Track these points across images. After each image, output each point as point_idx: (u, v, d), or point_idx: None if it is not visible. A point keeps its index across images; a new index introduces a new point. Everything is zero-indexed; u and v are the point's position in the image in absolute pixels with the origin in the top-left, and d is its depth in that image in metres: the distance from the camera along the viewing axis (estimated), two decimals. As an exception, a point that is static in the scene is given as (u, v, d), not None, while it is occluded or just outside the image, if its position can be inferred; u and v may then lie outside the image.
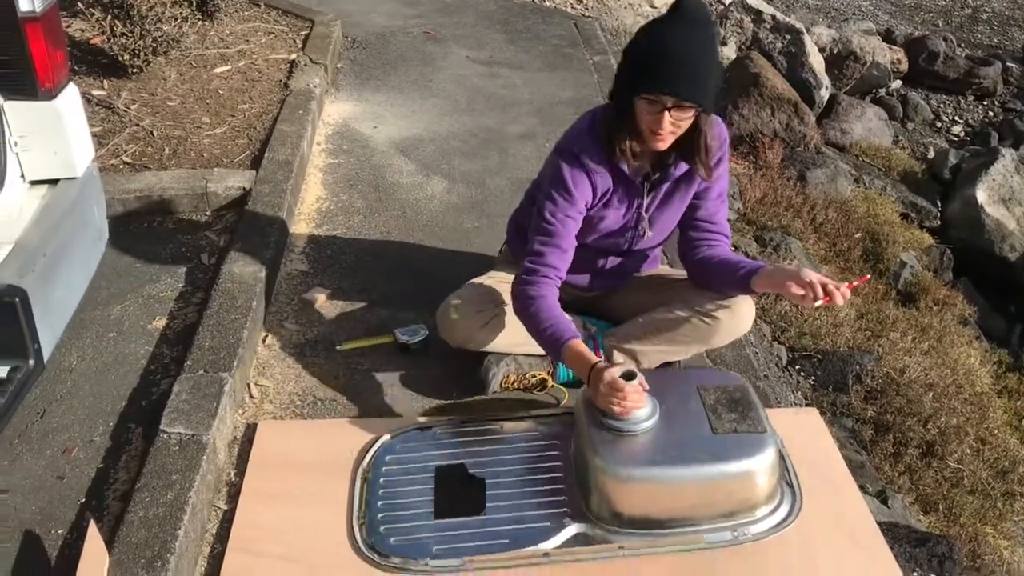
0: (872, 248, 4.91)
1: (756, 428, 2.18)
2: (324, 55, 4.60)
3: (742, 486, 2.15)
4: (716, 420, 2.19)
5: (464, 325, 2.53)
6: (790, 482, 2.30)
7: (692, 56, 2.10)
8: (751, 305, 2.49)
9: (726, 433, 2.16)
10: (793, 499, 2.25)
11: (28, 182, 2.27)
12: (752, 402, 2.26)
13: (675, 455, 2.11)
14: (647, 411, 2.16)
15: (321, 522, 2.16)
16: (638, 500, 2.13)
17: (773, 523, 2.18)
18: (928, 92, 7.49)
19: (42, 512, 2.10)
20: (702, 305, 2.47)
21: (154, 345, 2.66)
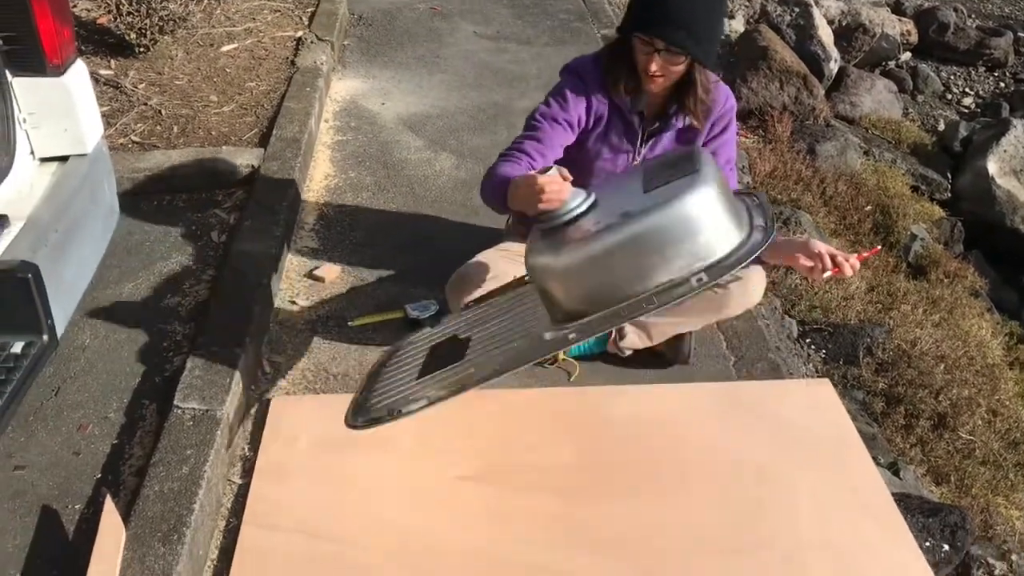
0: (882, 221, 4.89)
1: (689, 170, 1.90)
2: (330, 32, 4.59)
3: (685, 231, 1.83)
4: (649, 180, 1.97)
5: (475, 296, 2.52)
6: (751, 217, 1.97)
7: (695, 6, 2.14)
8: (762, 276, 2.48)
9: (658, 187, 1.91)
10: (764, 232, 1.90)
11: (38, 159, 2.27)
12: (693, 154, 2.01)
13: (605, 226, 1.86)
14: (577, 197, 1.96)
15: (335, 496, 2.17)
16: (588, 281, 1.87)
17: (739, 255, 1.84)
18: (938, 64, 7.43)
19: (59, 487, 2.12)
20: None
21: (166, 322, 2.67)
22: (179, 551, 1.89)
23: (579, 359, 2.63)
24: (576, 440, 2.36)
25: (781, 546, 2.07)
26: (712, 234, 1.85)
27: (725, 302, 2.46)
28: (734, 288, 2.43)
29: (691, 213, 1.84)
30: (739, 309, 2.52)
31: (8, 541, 1.97)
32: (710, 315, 2.55)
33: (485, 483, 2.22)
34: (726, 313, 2.53)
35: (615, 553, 2.04)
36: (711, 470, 2.27)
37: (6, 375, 1.94)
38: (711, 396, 2.52)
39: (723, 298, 2.46)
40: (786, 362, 2.71)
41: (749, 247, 1.87)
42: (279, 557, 2.02)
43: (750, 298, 2.49)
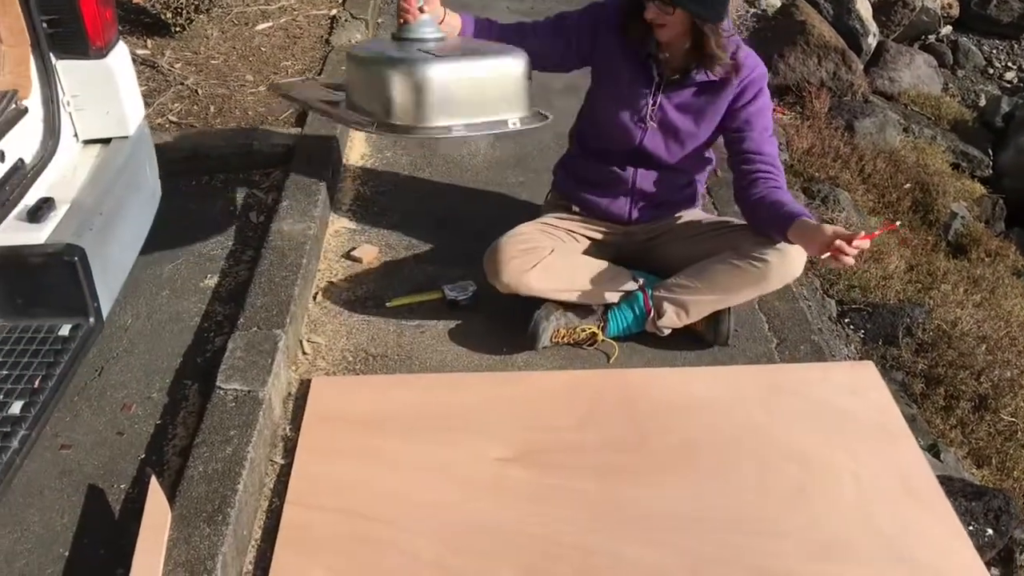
0: (922, 199, 4.82)
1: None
2: (365, 10, 4.57)
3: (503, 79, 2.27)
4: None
5: (511, 266, 2.52)
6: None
7: None
8: (801, 249, 2.44)
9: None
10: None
11: (81, 142, 2.29)
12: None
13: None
14: (427, 26, 2.33)
15: (377, 476, 2.18)
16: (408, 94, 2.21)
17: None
18: (980, 37, 7.28)
19: (104, 467, 2.14)
20: (751, 249, 2.45)
21: (207, 303, 2.69)
22: (224, 531, 1.91)
23: (617, 340, 2.62)
24: (616, 422, 2.35)
25: (824, 530, 2.05)
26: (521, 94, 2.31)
27: (765, 275, 2.44)
28: (774, 261, 2.40)
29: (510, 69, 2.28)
30: (779, 283, 2.50)
31: (56, 520, 2.00)
32: (749, 290, 2.52)
33: (526, 465, 2.22)
34: (765, 287, 2.50)
35: (657, 535, 2.03)
36: (753, 453, 2.26)
37: (54, 357, 1.97)
38: (753, 378, 2.51)
39: (763, 271, 2.43)
40: (828, 344, 2.68)
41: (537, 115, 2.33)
42: (322, 536, 2.03)
43: (790, 271, 2.46)
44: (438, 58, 2.22)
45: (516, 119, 2.30)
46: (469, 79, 2.25)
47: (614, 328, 2.60)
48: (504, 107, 2.31)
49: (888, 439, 2.31)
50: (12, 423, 1.82)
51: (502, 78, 2.29)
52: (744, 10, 6.14)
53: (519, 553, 1.99)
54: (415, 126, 2.25)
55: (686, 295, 2.53)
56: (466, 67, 2.25)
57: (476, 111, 2.29)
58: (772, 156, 2.49)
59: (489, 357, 2.59)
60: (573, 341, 2.60)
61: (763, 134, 2.48)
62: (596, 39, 2.56)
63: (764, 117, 2.48)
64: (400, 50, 2.29)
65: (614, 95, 2.60)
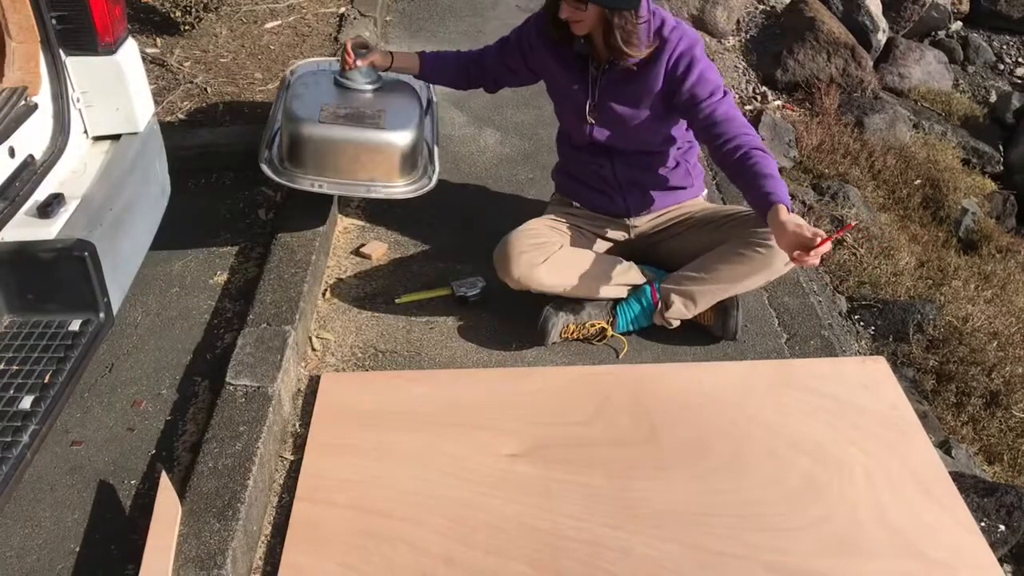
0: (932, 195, 4.80)
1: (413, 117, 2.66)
2: (373, 8, 4.57)
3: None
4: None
5: (521, 260, 2.52)
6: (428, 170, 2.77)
7: None
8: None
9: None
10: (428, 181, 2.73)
11: (91, 138, 2.29)
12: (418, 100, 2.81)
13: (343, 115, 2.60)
14: (360, 76, 2.73)
15: (386, 472, 2.18)
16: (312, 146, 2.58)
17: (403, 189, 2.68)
18: (991, 33, 7.23)
19: (115, 463, 2.15)
20: (754, 236, 2.44)
21: (216, 299, 2.69)
22: (234, 527, 1.91)
23: (626, 335, 2.61)
24: (626, 417, 2.35)
25: (836, 525, 2.05)
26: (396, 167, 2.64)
27: (769, 260, 2.43)
28: (776, 244, 2.38)
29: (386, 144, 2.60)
30: (785, 268, 2.47)
31: (67, 515, 2.01)
32: (756, 276, 2.49)
33: (536, 461, 2.21)
34: (771, 273, 2.48)
35: (667, 530, 2.03)
36: (765, 448, 2.25)
37: (65, 353, 1.97)
38: (764, 373, 2.50)
39: (767, 257, 2.42)
40: (839, 340, 2.67)
41: (414, 188, 2.69)
42: (332, 532, 2.03)
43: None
44: (321, 123, 2.56)
45: (381, 187, 2.64)
46: (346, 145, 2.58)
47: (623, 323, 2.60)
48: (377, 175, 2.63)
49: (900, 434, 2.30)
50: (23, 418, 1.82)
51: (377, 150, 2.60)
52: (753, 7, 6.12)
53: (528, 547, 1.99)
54: (292, 172, 2.62)
55: (693, 285, 2.52)
56: (343, 134, 2.57)
57: (345, 174, 2.61)
58: (731, 116, 2.43)
59: (498, 353, 2.59)
60: (582, 337, 2.59)
61: (714, 100, 2.43)
62: (531, 52, 2.67)
63: (707, 83, 2.43)
64: (308, 102, 2.65)
65: (559, 97, 2.71)
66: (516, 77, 2.83)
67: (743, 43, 5.86)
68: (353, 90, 2.72)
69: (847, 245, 3.85)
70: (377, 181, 2.64)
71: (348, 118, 2.60)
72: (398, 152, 2.61)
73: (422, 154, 2.75)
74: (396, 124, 2.62)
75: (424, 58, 2.84)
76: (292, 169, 2.62)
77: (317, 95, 2.67)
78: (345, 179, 2.62)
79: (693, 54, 2.42)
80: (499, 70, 2.82)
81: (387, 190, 2.65)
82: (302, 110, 2.60)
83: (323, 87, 2.74)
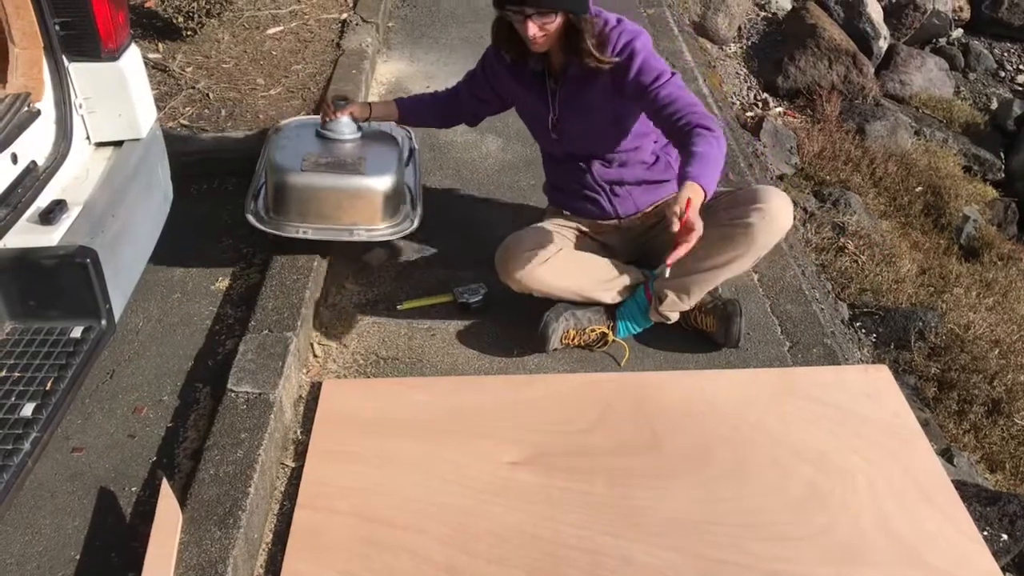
0: (934, 202, 4.81)
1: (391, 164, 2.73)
2: (375, 14, 4.58)
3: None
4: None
5: (522, 260, 2.51)
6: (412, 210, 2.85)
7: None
8: (785, 200, 2.39)
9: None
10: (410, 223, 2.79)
11: (93, 144, 2.29)
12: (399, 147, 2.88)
13: (324, 164, 2.68)
14: (341, 127, 2.79)
15: (388, 479, 2.17)
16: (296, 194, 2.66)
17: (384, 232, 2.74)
18: (991, 40, 7.24)
19: (115, 470, 2.15)
20: (732, 215, 2.39)
21: (218, 306, 2.69)
22: (235, 535, 1.90)
23: (628, 341, 2.61)
24: (628, 425, 2.34)
25: (838, 534, 2.04)
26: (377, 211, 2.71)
27: (752, 236, 2.36)
28: (756, 222, 2.35)
29: (367, 190, 2.67)
30: (770, 240, 2.40)
31: (68, 522, 2.01)
32: (742, 257, 2.42)
33: (537, 469, 2.21)
34: (756, 250, 2.41)
35: (669, 539, 2.02)
36: (767, 456, 2.25)
37: (66, 360, 1.97)
38: (766, 381, 2.49)
39: (748, 233, 2.36)
40: (841, 348, 2.67)
41: (395, 231, 2.75)
42: (333, 539, 2.02)
43: (776, 227, 2.38)
44: (303, 172, 2.63)
45: (363, 231, 2.71)
46: (327, 192, 2.65)
47: (622, 326, 2.60)
48: (359, 219, 2.70)
49: (903, 443, 2.30)
50: (24, 425, 1.82)
51: (357, 195, 2.67)
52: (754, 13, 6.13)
53: (530, 556, 1.99)
54: (277, 221, 2.69)
55: (683, 279, 2.50)
56: (324, 181, 2.64)
57: (328, 220, 2.68)
58: (676, 97, 2.36)
59: (500, 360, 2.59)
60: (583, 343, 2.59)
61: (658, 84, 2.38)
62: (496, 78, 2.72)
63: (651, 70, 2.39)
64: (290, 153, 2.71)
65: (526, 117, 2.77)
66: (490, 107, 2.87)
67: (744, 50, 5.87)
68: (334, 140, 2.80)
69: (848, 252, 3.85)
70: (359, 225, 2.71)
71: (329, 166, 2.67)
72: (379, 196, 2.68)
73: (404, 198, 2.84)
74: (376, 170, 2.69)
75: (401, 105, 2.90)
76: (277, 218, 2.70)
77: (299, 146, 2.76)
78: (328, 224, 2.69)
79: (633, 46, 2.39)
80: (473, 103, 2.87)
81: (369, 233, 2.72)
82: (284, 160, 2.67)
83: (305, 139, 2.82)
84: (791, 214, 2.40)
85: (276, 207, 2.69)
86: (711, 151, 2.21)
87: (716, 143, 2.23)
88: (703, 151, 2.21)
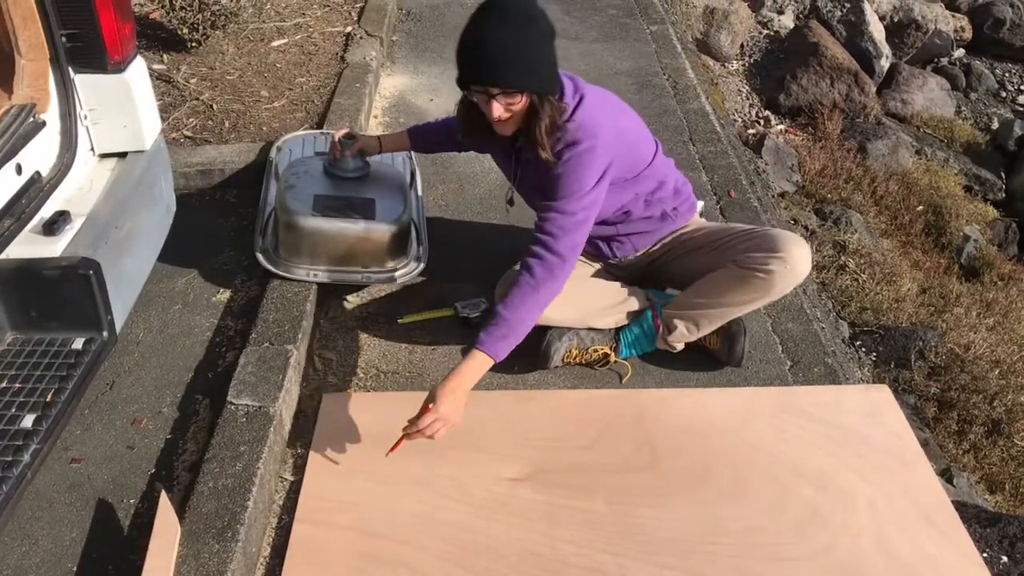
0: (934, 222, 4.82)
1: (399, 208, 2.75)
2: (380, 28, 4.59)
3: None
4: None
5: None
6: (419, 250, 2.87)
7: (506, 41, 2.12)
8: (805, 249, 2.39)
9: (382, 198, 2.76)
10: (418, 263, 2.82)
11: (98, 155, 2.29)
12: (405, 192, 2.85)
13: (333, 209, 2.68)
14: (348, 162, 2.79)
15: (387, 494, 2.17)
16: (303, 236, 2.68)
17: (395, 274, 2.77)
18: (993, 61, 7.27)
19: (114, 481, 2.14)
20: (754, 260, 2.40)
21: (218, 318, 2.69)
22: (233, 548, 1.90)
23: (630, 360, 2.61)
24: (628, 443, 2.34)
25: (838, 555, 2.03)
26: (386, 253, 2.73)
27: (771, 284, 2.38)
28: (778, 270, 2.36)
29: (375, 233, 2.67)
30: (787, 288, 2.42)
31: (65, 534, 2.00)
32: (758, 301, 2.45)
33: (538, 485, 2.21)
34: (773, 295, 2.43)
35: (668, 558, 2.02)
36: (767, 476, 2.24)
37: (67, 371, 1.96)
38: (767, 400, 2.49)
39: (769, 281, 2.37)
40: (842, 367, 2.66)
41: (406, 271, 2.79)
42: (331, 554, 2.02)
43: (795, 277, 2.40)
44: (314, 216, 2.63)
45: (374, 274, 2.75)
46: (338, 236, 2.66)
47: (625, 348, 2.59)
48: (369, 261, 2.73)
49: (904, 464, 2.29)
50: (24, 437, 1.81)
51: (368, 240, 2.68)
52: (757, 31, 6.15)
53: (529, 573, 1.98)
54: (286, 263, 2.72)
55: (694, 310, 2.51)
56: (336, 226, 2.65)
57: (339, 263, 2.71)
58: (549, 232, 2.25)
59: (500, 376, 2.58)
60: (585, 362, 2.58)
61: (550, 205, 2.27)
62: (472, 135, 2.54)
63: (564, 187, 2.27)
64: (300, 193, 2.70)
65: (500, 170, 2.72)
66: (474, 147, 2.80)
67: (746, 67, 5.89)
68: (343, 179, 2.80)
69: (849, 270, 3.86)
70: (370, 267, 2.74)
71: (339, 209, 2.68)
72: (389, 239, 2.71)
73: (411, 236, 2.86)
74: (385, 213, 2.71)
75: (413, 135, 2.86)
76: (287, 258, 2.72)
77: (308, 186, 2.75)
78: (339, 267, 2.72)
79: (575, 151, 2.26)
80: (467, 145, 2.76)
81: (378, 276, 2.76)
82: (295, 203, 2.67)
83: (314, 175, 2.82)
84: (810, 262, 2.42)
85: (286, 249, 2.71)
86: (519, 309, 2.20)
87: (531, 293, 2.21)
88: (508, 315, 2.19)
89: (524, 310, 2.20)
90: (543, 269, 2.22)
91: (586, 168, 2.26)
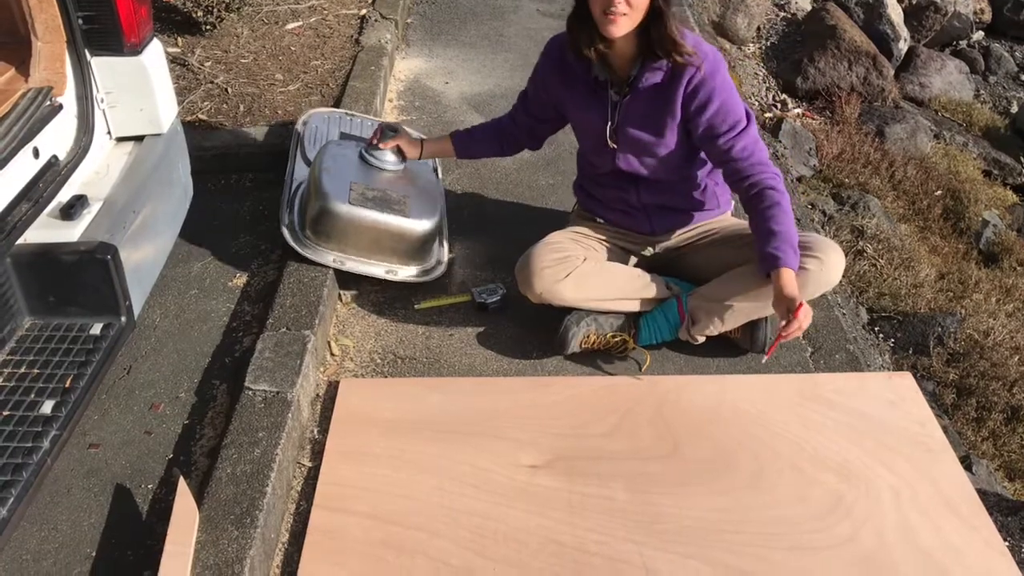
0: (953, 206, 4.77)
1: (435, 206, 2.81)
2: (394, 10, 4.56)
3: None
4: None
5: (544, 275, 2.48)
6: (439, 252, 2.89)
7: None
8: (841, 257, 2.39)
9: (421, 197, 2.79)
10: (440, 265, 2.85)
11: (115, 139, 2.28)
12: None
13: (370, 198, 2.66)
14: (385, 156, 2.80)
15: (405, 480, 2.16)
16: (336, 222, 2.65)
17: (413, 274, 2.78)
18: (1012, 43, 7.17)
19: (132, 467, 2.13)
20: None
21: (235, 302, 2.68)
22: (252, 534, 1.89)
23: (650, 348, 2.59)
24: (649, 430, 2.32)
25: (862, 544, 2.01)
26: (413, 252, 2.75)
27: (802, 283, 2.34)
28: (813, 269, 2.34)
29: (407, 231, 2.69)
30: (817, 291, 2.42)
31: (84, 519, 2.00)
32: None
33: (557, 473, 2.19)
34: (804, 296, 2.37)
35: (689, 547, 2.00)
36: (789, 464, 2.22)
37: (86, 357, 1.96)
38: (789, 387, 2.47)
39: (802, 280, 2.33)
40: (863, 353, 2.64)
41: (425, 272, 2.80)
42: (349, 541, 2.01)
43: (829, 279, 2.39)
44: (351, 204, 2.62)
45: (398, 269, 2.75)
46: (371, 227, 2.65)
47: (645, 335, 2.57)
48: (394, 258, 2.74)
49: (928, 453, 2.27)
50: (43, 423, 1.81)
51: (400, 236, 2.68)
52: (774, 14, 6.09)
53: (548, 561, 1.97)
54: (314, 245, 2.69)
55: (721, 304, 2.48)
56: (371, 216, 2.63)
57: (365, 253, 2.70)
58: (748, 153, 2.35)
59: (518, 361, 2.57)
60: (603, 347, 2.56)
61: (731, 135, 2.34)
62: (546, 90, 2.60)
63: (727, 115, 2.34)
64: (336, 178, 2.69)
65: (580, 127, 2.63)
66: (549, 124, 2.75)
67: (763, 50, 5.83)
68: (380, 170, 2.80)
69: (867, 255, 3.82)
70: (394, 263, 2.75)
71: (376, 201, 2.67)
72: (419, 239, 2.72)
73: (437, 238, 2.87)
74: (419, 212, 2.72)
75: (457, 141, 2.83)
76: (314, 240, 2.70)
77: (345, 170, 2.74)
78: (365, 258, 2.72)
79: (713, 84, 2.31)
80: (530, 123, 2.74)
81: (403, 272, 2.76)
82: (331, 187, 2.65)
83: (350, 160, 2.80)
84: (842, 271, 2.42)
85: (315, 231, 2.68)
86: (787, 224, 2.27)
87: (787, 209, 2.30)
88: (783, 229, 2.26)
89: (788, 221, 2.29)
90: (777, 180, 2.33)
91: (732, 87, 2.34)
